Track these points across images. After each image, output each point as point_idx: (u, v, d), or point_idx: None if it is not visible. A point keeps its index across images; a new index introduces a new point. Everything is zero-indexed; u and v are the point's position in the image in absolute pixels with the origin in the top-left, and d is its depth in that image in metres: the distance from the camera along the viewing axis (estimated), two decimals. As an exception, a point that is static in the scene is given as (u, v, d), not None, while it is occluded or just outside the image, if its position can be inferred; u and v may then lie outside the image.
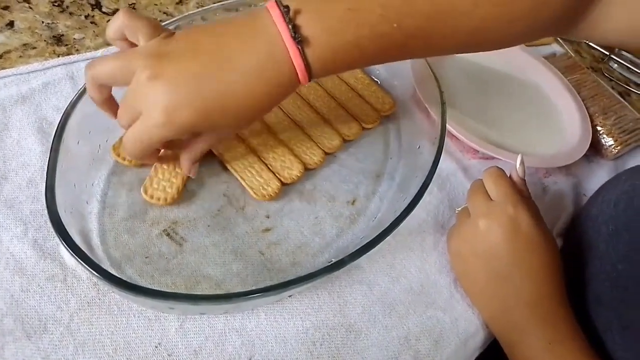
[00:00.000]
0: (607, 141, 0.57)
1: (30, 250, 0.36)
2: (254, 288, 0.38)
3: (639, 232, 0.39)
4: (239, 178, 0.42)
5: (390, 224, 0.37)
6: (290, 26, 0.30)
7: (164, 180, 0.41)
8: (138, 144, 0.33)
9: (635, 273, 0.38)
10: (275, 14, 0.31)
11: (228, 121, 0.33)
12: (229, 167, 0.43)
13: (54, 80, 0.45)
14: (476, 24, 0.34)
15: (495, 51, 0.62)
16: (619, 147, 0.56)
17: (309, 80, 0.32)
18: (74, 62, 0.47)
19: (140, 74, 0.31)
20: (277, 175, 0.43)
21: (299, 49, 0.31)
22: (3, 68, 0.45)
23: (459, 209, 0.45)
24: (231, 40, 0.32)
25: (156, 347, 0.35)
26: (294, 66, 0.31)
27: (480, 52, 0.61)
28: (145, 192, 0.40)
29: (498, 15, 0.34)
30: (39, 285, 0.35)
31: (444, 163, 0.50)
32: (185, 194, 0.41)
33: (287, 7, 0.31)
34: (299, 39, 0.30)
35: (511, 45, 0.39)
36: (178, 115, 0.30)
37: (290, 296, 0.39)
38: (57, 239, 0.36)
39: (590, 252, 0.43)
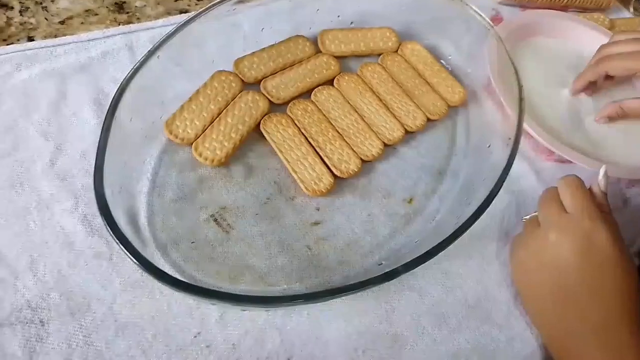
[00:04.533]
0: None
1: (80, 225, 0.36)
2: (297, 284, 0.37)
3: None
4: (291, 170, 0.40)
5: (453, 232, 0.34)
6: None
7: (216, 141, 0.40)
8: None
9: None
10: None
11: None
12: (281, 158, 0.41)
13: (112, 50, 0.44)
14: None
15: (584, 43, 0.56)
16: None
17: None
18: (134, 31, 0.46)
19: None
20: (333, 168, 0.41)
21: None
22: (64, 34, 0.45)
23: (527, 217, 0.41)
24: None
25: (195, 336, 0.34)
26: None
27: (564, 43, 0.55)
28: (196, 149, 0.40)
29: None
30: (85, 262, 0.35)
31: (514, 163, 0.46)
32: (235, 178, 0.40)
33: None
34: None
35: None
36: None
37: (335, 297, 0.37)
38: (105, 217, 0.36)
39: None
